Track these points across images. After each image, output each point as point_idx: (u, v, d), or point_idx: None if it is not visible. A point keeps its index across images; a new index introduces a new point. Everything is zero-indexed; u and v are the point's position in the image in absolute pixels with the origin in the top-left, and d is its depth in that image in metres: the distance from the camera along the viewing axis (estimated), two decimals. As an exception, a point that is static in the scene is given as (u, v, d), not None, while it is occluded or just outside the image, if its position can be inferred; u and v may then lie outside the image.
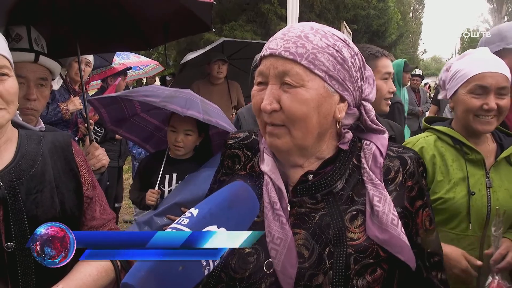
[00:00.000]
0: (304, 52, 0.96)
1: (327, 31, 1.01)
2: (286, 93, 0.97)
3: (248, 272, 1.00)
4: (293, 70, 0.96)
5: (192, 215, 0.80)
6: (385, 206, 0.98)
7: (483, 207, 1.72)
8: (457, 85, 1.73)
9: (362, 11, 16.92)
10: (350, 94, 1.03)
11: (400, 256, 0.97)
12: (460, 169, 1.75)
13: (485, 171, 1.76)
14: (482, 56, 1.75)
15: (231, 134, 1.22)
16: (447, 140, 1.80)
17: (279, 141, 1.00)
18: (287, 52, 0.96)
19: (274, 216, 0.99)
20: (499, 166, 1.79)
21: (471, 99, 1.69)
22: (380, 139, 1.08)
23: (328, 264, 0.96)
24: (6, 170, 1.19)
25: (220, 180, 1.18)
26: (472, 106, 1.69)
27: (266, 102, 0.97)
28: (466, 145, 1.76)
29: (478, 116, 1.70)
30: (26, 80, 1.84)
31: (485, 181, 1.74)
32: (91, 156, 2.09)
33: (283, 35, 1.00)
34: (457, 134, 1.78)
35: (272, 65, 0.98)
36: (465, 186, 1.73)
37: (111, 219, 1.42)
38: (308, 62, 0.96)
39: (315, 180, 1.04)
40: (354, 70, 1.02)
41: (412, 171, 1.05)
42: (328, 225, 1.00)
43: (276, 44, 0.99)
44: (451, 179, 1.74)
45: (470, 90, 1.69)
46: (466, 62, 1.74)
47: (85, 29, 2.48)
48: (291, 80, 0.96)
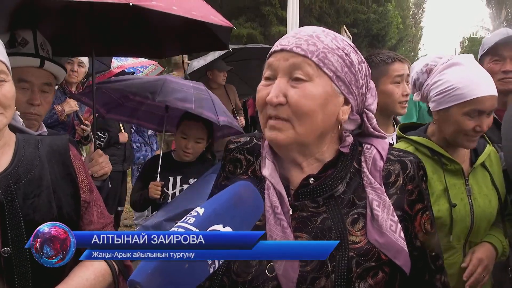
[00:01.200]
0: (315, 50, 0.98)
1: (338, 36, 1.05)
2: (294, 88, 0.98)
3: (251, 276, 1.01)
4: (303, 64, 0.98)
5: (198, 213, 0.81)
6: (384, 211, 0.99)
7: (466, 216, 1.71)
8: (451, 102, 1.65)
9: (362, 15, 16.96)
10: (354, 99, 1.05)
11: (396, 261, 0.98)
12: (439, 180, 1.72)
13: (464, 179, 1.74)
14: (476, 72, 1.68)
15: (232, 138, 1.22)
16: (424, 151, 1.76)
17: (280, 135, 1.00)
18: (298, 48, 0.98)
19: (275, 220, 1.00)
20: (476, 171, 1.77)
21: (466, 121, 1.64)
22: (381, 143, 1.09)
23: (330, 267, 0.97)
24: (3, 175, 1.19)
25: (221, 185, 1.18)
26: (466, 128, 1.65)
27: (273, 94, 0.98)
28: (444, 156, 1.73)
29: (467, 135, 1.67)
30: (30, 85, 1.86)
31: (465, 190, 1.73)
32: (95, 163, 2.09)
33: (295, 33, 1.03)
34: (434, 145, 1.74)
35: (282, 57, 1.00)
36: (447, 198, 1.70)
37: (109, 223, 1.41)
38: (318, 59, 0.98)
39: (316, 184, 1.04)
40: (360, 76, 1.04)
41: (412, 174, 1.06)
42: (329, 228, 1.00)
43: (288, 41, 1.01)
44: (433, 192, 1.69)
45: (468, 112, 1.63)
46: (460, 78, 1.64)
47: (101, 32, 2.50)
48: (301, 73, 0.98)
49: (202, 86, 2.69)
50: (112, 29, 2.62)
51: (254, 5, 14.24)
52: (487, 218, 1.74)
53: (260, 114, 1.05)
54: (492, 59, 2.26)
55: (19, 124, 1.39)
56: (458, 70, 1.67)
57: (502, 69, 2.22)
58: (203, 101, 2.49)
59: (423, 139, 1.78)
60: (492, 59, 2.25)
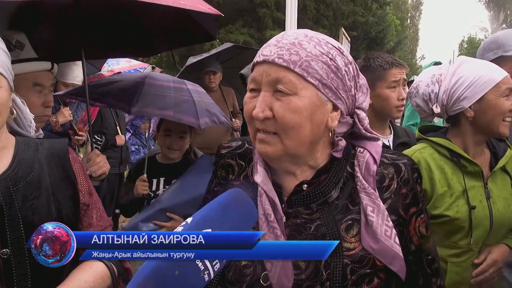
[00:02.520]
0: (298, 59, 0.95)
1: (322, 39, 1.01)
2: (279, 101, 0.96)
3: (245, 285, 1.00)
4: (286, 78, 0.95)
5: (186, 223, 0.81)
6: (379, 217, 0.98)
7: (485, 218, 1.71)
8: (486, 89, 1.69)
9: (361, 18, 17.00)
10: (343, 103, 1.02)
11: (391, 267, 0.97)
12: (459, 182, 1.73)
13: (483, 182, 1.75)
14: (483, 62, 1.77)
15: (223, 143, 1.20)
16: (444, 152, 1.78)
17: (270, 148, 0.99)
18: (280, 59, 0.95)
19: (269, 228, 0.99)
20: (495, 175, 1.78)
21: (505, 102, 1.69)
22: (374, 146, 1.07)
23: (325, 275, 0.96)
24: (3, 177, 1.20)
25: (214, 190, 1.17)
26: (506, 108, 1.69)
27: (259, 109, 0.96)
28: (464, 157, 1.74)
29: (504, 120, 1.70)
30: (43, 88, 1.88)
31: (484, 192, 1.73)
32: (92, 163, 2.09)
33: (276, 41, 0.99)
34: (454, 147, 1.76)
35: (265, 72, 0.97)
36: (466, 200, 1.71)
37: (108, 226, 1.41)
38: (302, 69, 0.95)
39: (309, 190, 1.03)
40: (348, 78, 1.02)
41: (406, 178, 1.05)
42: (323, 235, 0.99)
43: (269, 50, 0.98)
44: (452, 193, 1.71)
45: (503, 93, 1.69)
46: (478, 69, 1.72)
47: (90, 34, 2.49)
48: (284, 87, 0.95)
49: (184, 85, 2.63)
50: (100, 30, 2.59)
51: (252, 7, 14.29)
52: (506, 222, 1.74)
53: (249, 126, 1.03)
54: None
55: (16, 127, 1.39)
56: (470, 65, 1.75)
57: None
58: (183, 104, 2.44)
59: (443, 140, 1.78)
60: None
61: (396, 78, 2.11)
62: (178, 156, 2.60)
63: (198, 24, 2.56)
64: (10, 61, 1.27)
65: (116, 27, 2.60)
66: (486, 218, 1.71)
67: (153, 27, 2.67)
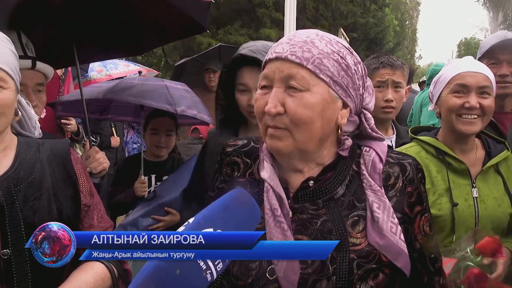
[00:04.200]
0: (310, 56, 0.98)
1: (332, 38, 1.04)
2: (291, 97, 0.98)
3: (251, 279, 1.00)
4: (299, 74, 0.97)
5: (188, 223, 0.81)
6: (384, 213, 1.00)
7: (470, 217, 1.70)
8: (440, 89, 1.76)
9: (361, 19, 16.99)
10: (352, 101, 1.05)
11: (396, 263, 0.99)
12: (443, 180, 1.73)
13: (470, 180, 1.74)
14: (464, 60, 1.80)
15: (229, 141, 1.22)
16: (431, 151, 1.78)
17: (281, 143, 1.00)
18: (293, 56, 0.98)
19: (275, 222, 1.00)
20: (487, 174, 1.77)
21: (452, 98, 1.71)
22: (380, 146, 1.09)
23: (331, 269, 0.97)
24: (4, 177, 1.20)
25: (218, 188, 1.18)
26: (454, 105, 1.70)
27: (271, 105, 0.98)
28: (448, 155, 1.74)
29: (460, 116, 1.70)
30: (24, 87, 1.84)
31: (471, 191, 1.73)
32: (92, 160, 2.10)
33: (289, 40, 1.02)
34: (440, 144, 1.77)
35: (277, 69, 0.99)
36: (449, 197, 1.71)
37: (109, 227, 1.42)
38: (314, 66, 0.98)
39: (316, 186, 1.05)
40: (357, 77, 1.04)
41: (411, 177, 1.07)
42: (330, 230, 1.00)
43: (282, 48, 1.00)
44: (435, 190, 1.71)
45: (452, 90, 1.72)
46: (448, 67, 1.79)
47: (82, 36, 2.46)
48: (297, 83, 0.97)
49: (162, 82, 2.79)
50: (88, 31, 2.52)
51: (250, 7, 14.29)
52: (493, 221, 1.73)
53: (259, 123, 1.05)
54: (488, 63, 2.23)
55: (19, 128, 1.39)
56: (449, 64, 1.82)
57: (498, 72, 2.20)
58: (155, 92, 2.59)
59: (430, 138, 1.80)
60: (489, 63, 2.23)
61: (383, 79, 2.10)
62: (165, 154, 2.77)
63: (186, 15, 2.51)
64: (18, 62, 1.27)
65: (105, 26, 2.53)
66: (471, 217, 1.70)
67: (141, 23, 2.59)
